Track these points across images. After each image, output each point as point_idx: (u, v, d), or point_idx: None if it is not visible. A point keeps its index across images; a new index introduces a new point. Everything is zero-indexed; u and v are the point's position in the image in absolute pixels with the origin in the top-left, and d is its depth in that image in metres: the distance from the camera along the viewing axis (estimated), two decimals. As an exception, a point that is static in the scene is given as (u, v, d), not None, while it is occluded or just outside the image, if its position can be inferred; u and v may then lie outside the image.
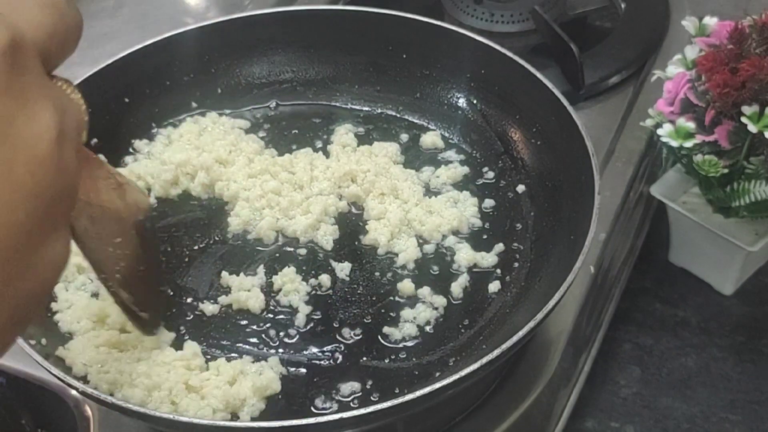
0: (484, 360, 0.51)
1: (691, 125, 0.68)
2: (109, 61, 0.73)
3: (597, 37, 0.92)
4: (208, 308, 0.63)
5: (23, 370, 0.65)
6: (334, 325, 0.62)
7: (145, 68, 0.76)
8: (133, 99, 0.76)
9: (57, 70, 0.35)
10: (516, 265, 0.66)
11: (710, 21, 0.73)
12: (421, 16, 0.77)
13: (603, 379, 0.74)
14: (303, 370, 0.59)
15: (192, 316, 0.62)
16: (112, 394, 0.55)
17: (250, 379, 0.57)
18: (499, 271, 0.65)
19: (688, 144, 0.68)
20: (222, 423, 0.52)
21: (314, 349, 0.60)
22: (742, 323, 0.78)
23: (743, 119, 0.65)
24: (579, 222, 0.60)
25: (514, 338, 0.52)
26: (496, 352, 0.51)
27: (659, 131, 0.70)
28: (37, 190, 0.27)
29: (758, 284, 0.80)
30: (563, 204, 0.66)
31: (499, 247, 0.67)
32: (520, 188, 0.71)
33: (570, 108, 0.67)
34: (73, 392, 0.63)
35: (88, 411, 0.63)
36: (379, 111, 0.79)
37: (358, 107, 0.80)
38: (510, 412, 0.63)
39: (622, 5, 0.96)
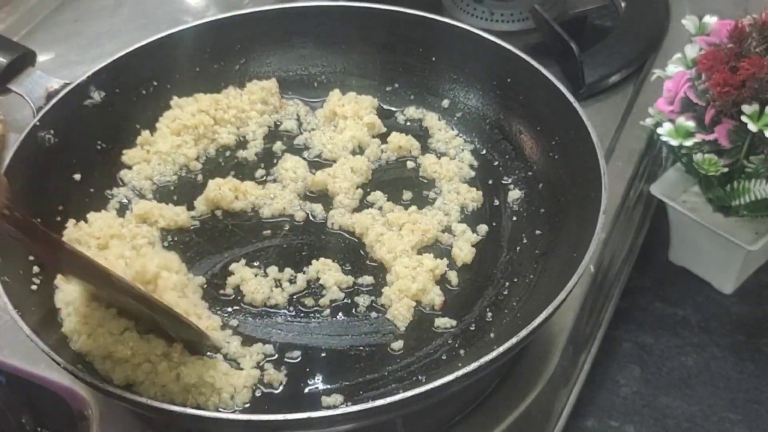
0: (484, 360, 0.51)
1: (691, 124, 0.68)
2: (112, 59, 0.73)
3: (597, 36, 0.92)
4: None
5: (23, 369, 0.65)
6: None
7: (148, 65, 0.76)
8: (136, 96, 0.76)
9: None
10: (517, 265, 0.66)
11: (710, 20, 0.73)
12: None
13: (603, 378, 0.74)
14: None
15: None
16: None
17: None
18: (500, 272, 0.65)
19: (688, 143, 0.68)
20: (227, 416, 0.53)
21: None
22: (742, 322, 0.77)
23: (743, 118, 0.65)
24: (584, 223, 0.60)
25: (515, 338, 0.52)
26: (497, 352, 0.51)
27: (659, 130, 0.70)
28: None
29: (758, 283, 0.80)
30: (568, 205, 0.66)
31: (500, 247, 0.67)
32: (524, 190, 0.71)
33: (580, 110, 0.67)
34: (76, 389, 0.63)
35: (89, 410, 0.63)
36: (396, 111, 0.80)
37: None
38: (510, 411, 0.63)
39: (622, 4, 0.96)
